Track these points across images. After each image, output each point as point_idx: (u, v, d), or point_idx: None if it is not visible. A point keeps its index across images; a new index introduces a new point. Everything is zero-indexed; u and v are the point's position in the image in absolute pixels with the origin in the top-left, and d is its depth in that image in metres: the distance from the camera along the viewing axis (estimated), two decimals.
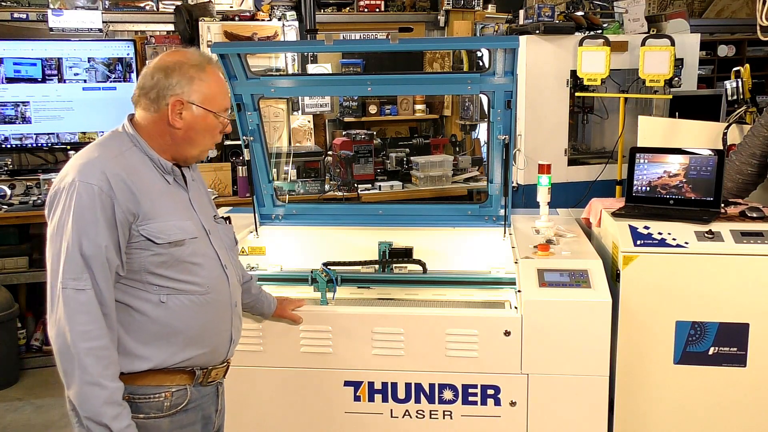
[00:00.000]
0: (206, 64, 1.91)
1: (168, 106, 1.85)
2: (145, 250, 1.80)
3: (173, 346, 1.86)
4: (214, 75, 1.91)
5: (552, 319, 2.45)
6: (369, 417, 2.58)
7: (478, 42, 5.14)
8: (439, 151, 5.98)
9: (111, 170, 1.77)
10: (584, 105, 5.57)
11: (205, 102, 1.88)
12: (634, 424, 2.68)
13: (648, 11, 6.28)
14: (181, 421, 1.90)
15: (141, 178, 1.83)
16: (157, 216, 1.82)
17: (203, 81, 1.88)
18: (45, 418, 4.08)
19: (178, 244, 1.84)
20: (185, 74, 1.86)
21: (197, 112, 1.87)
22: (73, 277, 1.72)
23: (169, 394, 1.87)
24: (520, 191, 4.98)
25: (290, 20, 5.56)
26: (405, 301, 3.00)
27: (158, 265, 1.82)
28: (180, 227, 1.86)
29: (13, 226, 4.67)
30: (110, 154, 1.82)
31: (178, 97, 1.85)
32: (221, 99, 1.93)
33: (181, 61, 1.87)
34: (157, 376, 1.85)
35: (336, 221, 3.28)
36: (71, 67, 5.17)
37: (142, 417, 1.84)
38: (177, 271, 1.85)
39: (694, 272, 2.58)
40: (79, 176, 1.75)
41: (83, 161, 1.79)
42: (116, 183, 1.76)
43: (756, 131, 3.00)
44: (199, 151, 1.96)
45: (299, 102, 5.60)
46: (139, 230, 1.79)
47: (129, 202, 1.77)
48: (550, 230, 2.93)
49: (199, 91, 1.87)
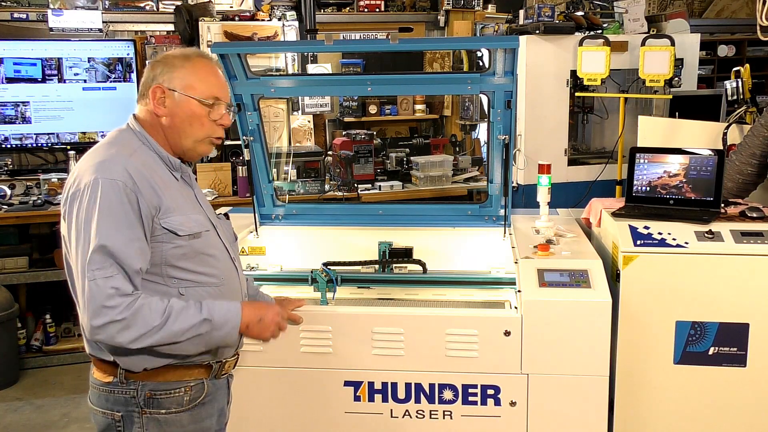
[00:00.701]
0: (194, 56, 1.93)
1: (151, 95, 1.89)
2: (167, 243, 1.83)
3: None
4: (200, 64, 1.92)
5: (552, 319, 2.45)
6: (369, 417, 2.58)
7: (478, 42, 5.14)
8: (439, 151, 5.98)
9: (132, 166, 1.79)
10: (584, 105, 5.57)
11: (187, 88, 1.89)
12: (634, 424, 2.68)
13: (648, 11, 6.28)
14: (200, 415, 1.93)
15: (156, 173, 1.86)
16: (176, 209, 1.85)
17: (185, 68, 1.90)
18: (45, 418, 4.08)
19: (197, 236, 1.88)
20: (168, 63, 1.90)
21: (179, 98, 1.89)
22: (100, 267, 1.71)
23: (189, 388, 1.90)
24: (520, 191, 4.98)
25: (290, 20, 5.56)
26: (405, 301, 3.00)
27: (179, 258, 1.85)
28: (196, 220, 1.90)
29: (13, 226, 4.68)
30: (126, 152, 1.83)
31: (158, 84, 1.88)
32: (206, 86, 1.91)
33: (169, 54, 1.93)
34: (177, 371, 1.88)
35: (336, 221, 3.28)
36: (71, 67, 5.17)
37: (163, 412, 1.87)
38: (195, 263, 1.88)
39: (694, 272, 2.58)
40: (101, 174, 1.76)
41: (101, 159, 1.80)
42: (138, 178, 1.78)
43: (756, 131, 3.00)
44: (192, 142, 1.94)
45: (299, 102, 5.59)
46: (161, 223, 1.81)
47: (151, 195, 1.80)
48: (550, 230, 2.93)
49: (180, 78, 1.89)
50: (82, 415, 4.05)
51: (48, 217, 4.62)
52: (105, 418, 1.89)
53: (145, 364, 1.84)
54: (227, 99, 1.98)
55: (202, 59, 1.95)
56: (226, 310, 1.86)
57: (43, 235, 4.86)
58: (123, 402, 1.86)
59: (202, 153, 2.00)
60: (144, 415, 1.86)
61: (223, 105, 1.95)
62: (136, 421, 1.86)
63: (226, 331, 1.86)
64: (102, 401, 1.89)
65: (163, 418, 1.86)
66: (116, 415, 1.87)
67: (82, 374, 1.97)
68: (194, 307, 1.81)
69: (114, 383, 1.86)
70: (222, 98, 1.95)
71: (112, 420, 1.88)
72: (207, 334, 1.82)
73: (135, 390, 1.85)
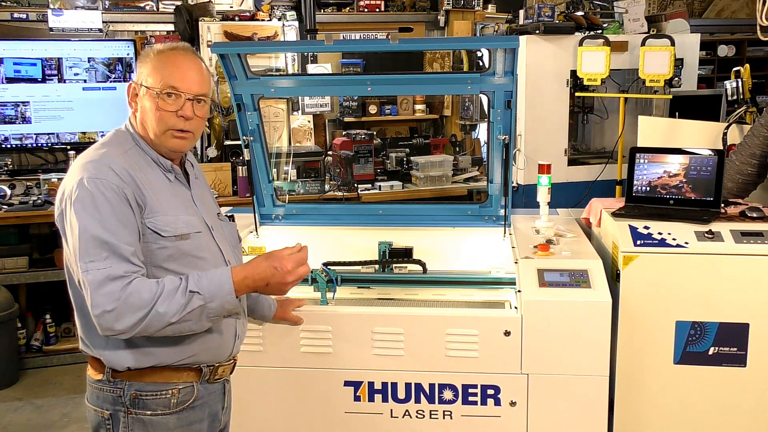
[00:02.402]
0: (166, 49, 1.90)
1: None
2: (152, 243, 1.82)
3: (179, 342, 1.86)
4: (165, 55, 1.88)
5: (552, 319, 2.45)
6: (369, 417, 2.58)
7: (478, 42, 5.14)
8: (439, 151, 5.98)
9: (117, 165, 1.79)
10: (584, 105, 5.57)
11: (146, 80, 1.87)
12: (634, 424, 2.68)
13: (648, 11, 6.27)
14: (188, 418, 1.92)
15: (145, 174, 1.85)
16: (162, 210, 1.84)
17: (151, 61, 1.88)
18: (45, 418, 4.08)
19: (184, 237, 1.86)
20: (140, 59, 1.91)
21: (141, 91, 1.89)
22: (93, 260, 1.71)
23: (176, 391, 1.89)
24: (520, 191, 4.98)
25: (290, 20, 5.56)
26: (405, 301, 3.00)
27: (165, 259, 1.84)
28: (185, 221, 1.88)
29: (13, 226, 4.68)
30: (114, 152, 1.84)
31: (133, 81, 1.90)
32: (161, 76, 1.85)
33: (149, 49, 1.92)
34: (164, 373, 1.87)
35: (336, 221, 3.28)
36: (71, 67, 5.18)
37: (149, 414, 1.86)
38: (183, 265, 1.86)
39: (694, 272, 2.58)
40: (87, 173, 1.77)
41: (88, 160, 1.82)
42: (124, 176, 1.79)
43: (756, 131, 3.00)
44: (155, 136, 1.88)
45: (299, 102, 5.60)
46: (146, 223, 1.81)
47: (137, 194, 1.80)
48: (550, 230, 2.93)
49: (144, 71, 1.88)
50: (82, 415, 4.04)
51: (48, 217, 4.61)
52: (96, 416, 1.89)
53: (127, 363, 1.83)
54: (192, 91, 1.87)
55: (174, 51, 1.89)
56: (216, 280, 1.79)
57: (43, 235, 4.86)
58: (111, 400, 1.86)
59: (172, 147, 1.91)
60: (129, 414, 1.85)
61: (182, 96, 1.86)
62: (122, 420, 1.86)
63: (221, 300, 1.78)
64: (94, 398, 1.90)
65: (149, 419, 1.85)
66: (105, 413, 1.87)
67: (82, 374, 1.96)
68: (183, 281, 1.77)
69: (103, 381, 1.86)
70: (181, 88, 1.85)
71: (101, 418, 1.88)
72: (202, 308, 1.76)
73: (122, 389, 1.85)
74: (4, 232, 4.68)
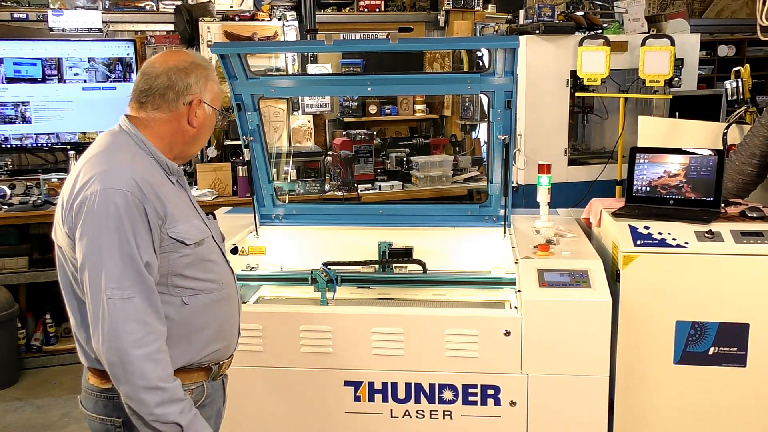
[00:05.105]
0: (210, 65, 1.94)
1: (187, 105, 1.85)
2: (174, 252, 1.79)
3: (195, 345, 1.86)
4: (211, 72, 1.94)
5: (552, 319, 2.46)
6: (369, 417, 2.58)
7: (478, 42, 5.15)
8: (439, 151, 5.98)
9: (137, 174, 1.74)
10: (584, 105, 5.57)
11: (213, 101, 1.91)
12: (634, 424, 2.68)
13: (648, 11, 6.28)
14: None
15: (157, 179, 1.80)
16: (180, 217, 1.81)
17: (213, 81, 1.91)
18: (45, 418, 4.08)
19: (200, 243, 1.85)
20: (201, 74, 1.88)
21: (208, 110, 1.90)
22: (118, 287, 1.67)
23: (190, 392, 1.87)
24: (520, 191, 4.97)
25: (290, 20, 5.56)
26: (405, 301, 3.00)
27: (186, 266, 1.81)
28: (197, 226, 1.87)
29: (13, 226, 4.68)
30: (127, 159, 1.78)
31: (197, 96, 1.86)
32: (216, 94, 1.95)
33: (194, 61, 1.89)
34: (180, 374, 1.83)
35: (336, 221, 3.28)
36: (71, 67, 5.17)
37: None
38: (199, 270, 1.85)
39: (694, 272, 2.58)
40: (108, 183, 1.70)
41: (104, 168, 1.74)
42: (145, 187, 1.73)
43: (756, 131, 3.00)
44: (198, 148, 1.99)
45: (299, 102, 5.59)
46: (168, 232, 1.77)
47: (157, 205, 1.75)
48: (550, 230, 2.93)
49: (211, 90, 1.90)
50: None
51: (48, 217, 4.60)
52: (104, 425, 1.84)
53: None
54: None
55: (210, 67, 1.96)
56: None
57: (43, 235, 4.85)
58: (123, 408, 1.77)
59: (192, 156, 2.03)
60: None
61: None
62: (135, 426, 1.79)
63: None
64: (100, 407, 1.84)
65: None
66: (117, 420, 1.82)
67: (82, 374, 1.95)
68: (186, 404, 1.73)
69: (113, 389, 1.77)
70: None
71: (112, 426, 1.84)
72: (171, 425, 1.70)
73: None
74: (4, 232, 4.68)
